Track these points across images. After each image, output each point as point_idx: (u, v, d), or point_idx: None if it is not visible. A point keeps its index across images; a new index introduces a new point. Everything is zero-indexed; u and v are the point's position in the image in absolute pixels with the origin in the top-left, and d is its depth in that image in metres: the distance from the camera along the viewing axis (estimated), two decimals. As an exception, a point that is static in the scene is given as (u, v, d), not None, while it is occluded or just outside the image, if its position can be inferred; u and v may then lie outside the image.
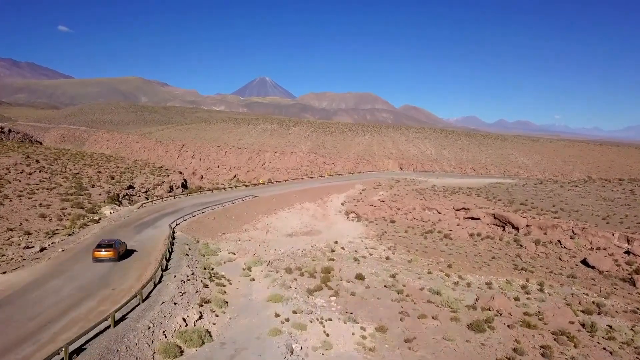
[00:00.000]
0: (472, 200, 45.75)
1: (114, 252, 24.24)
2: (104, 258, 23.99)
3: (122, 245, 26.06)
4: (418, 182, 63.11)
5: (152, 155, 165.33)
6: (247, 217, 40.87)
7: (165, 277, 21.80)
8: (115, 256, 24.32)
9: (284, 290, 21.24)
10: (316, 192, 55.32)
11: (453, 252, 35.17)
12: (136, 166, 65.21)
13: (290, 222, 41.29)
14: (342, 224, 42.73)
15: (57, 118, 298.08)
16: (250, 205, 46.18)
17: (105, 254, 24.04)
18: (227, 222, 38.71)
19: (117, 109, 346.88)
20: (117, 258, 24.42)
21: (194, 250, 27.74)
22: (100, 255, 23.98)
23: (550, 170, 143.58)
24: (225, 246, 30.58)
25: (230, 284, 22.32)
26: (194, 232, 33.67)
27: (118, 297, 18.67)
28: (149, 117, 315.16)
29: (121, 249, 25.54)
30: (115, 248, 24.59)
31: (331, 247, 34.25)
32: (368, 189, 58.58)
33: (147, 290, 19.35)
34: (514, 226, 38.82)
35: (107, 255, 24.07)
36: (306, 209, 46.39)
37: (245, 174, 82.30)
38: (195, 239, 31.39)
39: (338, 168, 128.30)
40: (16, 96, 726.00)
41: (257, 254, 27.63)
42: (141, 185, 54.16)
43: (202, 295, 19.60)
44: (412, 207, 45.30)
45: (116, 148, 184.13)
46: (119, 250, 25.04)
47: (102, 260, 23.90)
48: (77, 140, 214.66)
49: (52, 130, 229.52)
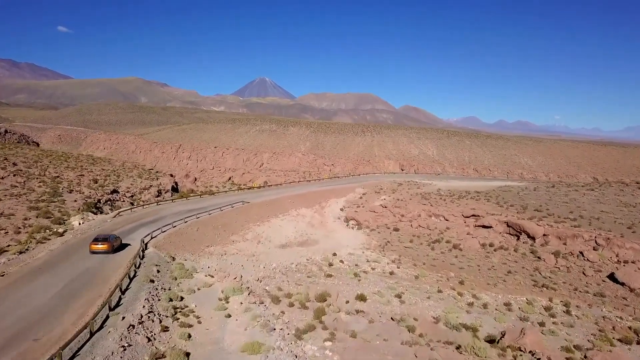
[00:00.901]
0: (482, 206, 42.28)
1: (108, 246, 26.99)
2: (100, 251, 26.74)
3: (117, 239, 28.75)
4: (422, 186, 59.61)
5: (148, 156, 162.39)
6: (235, 226, 37.13)
7: (111, 319, 16.85)
8: (110, 249, 27.00)
9: (265, 333, 17.00)
10: (313, 197, 51.74)
11: (464, 265, 31.69)
12: (124, 169, 61.78)
13: (284, 231, 37.73)
14: (341, 233, 39.23)
15: (55, 119, 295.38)
16: (241, 212, 42.47)
17: (101, 247, 26.79)
18: (212, 233, 34.78)
19: (115, 109, 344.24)
20: (111, 251, 27.03)
21: (164, 274, 23.45)
22: (97, 248, 26.73)
23: (555, 172, 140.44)
24: (207, 263, 26.78)
25: (200, 323, 17.85)
26: (172, 247, 29.59)
27: (38, 353, 13.86)
28: (147, 118, 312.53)
29: (115, 243, 28.16)
30: (110, 242, 27.32)
31: (329, 261, 30.79)
32: (369, 193, 55.07)
33: (77, 345, 14.29)
34: (529, 235, 35.36)
35: (102, 248, 26.80)
36: (302, 215, 42.84)
37: (241, 176, 78.81)
38: (170, 255, 27.31)
39: (338, 169, 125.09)
40: (16, 97, 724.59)
41: (240, 277, 23.92)
42: (127, 189, 50.69)
43: (155, 348, 14.81)
44: (417, 213, 41.81)
45: (112, 149, 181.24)
46: (114, 244, 27.75)
47: (98, 252, 26.61)
48: (74, 140, 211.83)
49: (49, 131, 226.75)
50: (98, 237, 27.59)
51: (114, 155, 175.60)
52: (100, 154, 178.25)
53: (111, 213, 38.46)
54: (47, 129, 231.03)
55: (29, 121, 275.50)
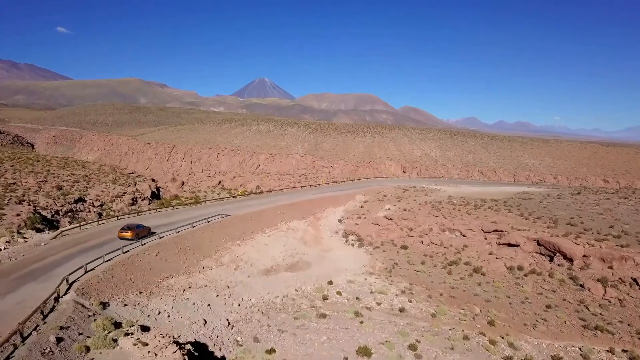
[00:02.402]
0: (503, 218, 36.16)
1: (132, 234, 30.43)
2: (126, 237, 30.08)
3: (143, 229, 32.09)
4: (430, 192, 53.41)
5: (141, 158, 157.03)
6: (209, 247, 30.53)
7: None
8: (133, 237, 30.38)
9: None
10: (308, 206, 45.41)
11: (490, 296, 25.55)
12: (99, 173, 55.71)
13: (271, 250, 31.59)
14: (339, 252, 33.13)
15: (50, 119, 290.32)
16: (218, 229, 34.60)
17: (125, 234, 30.20)
18: (177, 259, 27.82)
19: (112, 110, 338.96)
20: (135, 238, 30.38)
21: (69, 345, 14.76)
22: (123, 235, 30.21)
23: (564, 174, 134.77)
24: (158, 307, 20.35)
25: None
26: (110, 287, 21.77)
27: None
28: (144, 118, 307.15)
29: (141, 232, 31.53)
30: (134, 230, 30.81)
31: (323, 292, 24.69)
32: (371, 201, 48.89)
33: None
34: (565, 256, 29.22)
35: (127, 235, 30.21)
36: (293, 230, 36.64)
37: (232, 180, 72.71)
38: (100, 302, 19.48)
39: (337, 171, 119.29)
40: (15, 97, 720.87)
41: (204, 323, 17.70)
42: (96, 197, 44.58)
43: None
44: (427, 227, 35.70)
45: (106, 150, 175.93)
46: (138, 233, 31.16)
47: (125, 239, 29.93)
48: (69, 141, 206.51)
49: (43, 131, 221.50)
50: (125, 227, 31.27)
51: (107, 157, 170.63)
52: (94, 155, 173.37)
53: (51, 233, 30.36)
54: (42, 130, 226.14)
55: (24, 122, 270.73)
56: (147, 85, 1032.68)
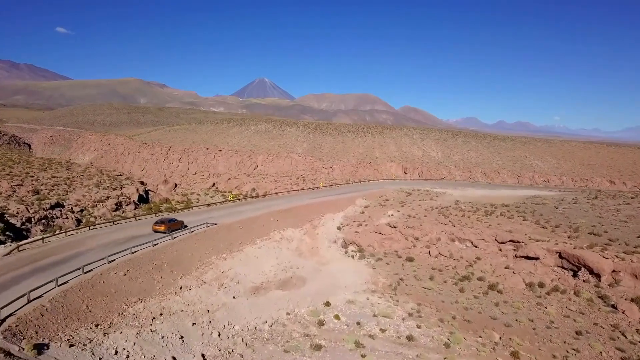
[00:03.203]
0: (518, 226, 32.92)
1: (165, 227, 32.61)
2: (159, 230, 32.34)
3: (176, 223, 33.94)
4: (435, 196, 50.18)
5: (137, 158, 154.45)
6: (190, 262, 26.94)
7: None
8: (166, 230, 32.49)
9: None
10: (305, 212, 42.15)
11: (510, 320, 22.32)
12: (83, 175, 52.46)
13: (261, 264, 28.35)
14: (337, 264, 29.88)
15: (48, 119, 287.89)
16: (202, 240, 30.84)
17: (159, 227, 32.53)
18: (148, 279, 23.76)
19: (110, 109, 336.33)
20: (167, 232, 32.39)
21: None
22: (157, 229, 32.50)
23: (569, 175, 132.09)
24: (113, 344, 16.35)
25: None
26: (56, 319, 17.35)
27: None
28: (143, 118, 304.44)
29: (173, 225, 33.52)
30: (166, 224, 32.92)
31: (319, 315, 21.46)
32: (372, 206, 45.66)
33: None
34: (592, 271, 25.99)
35: (161, 229, 32.42)
36: (288, 239, 33.41)
37: (226, 182, 69.48)
38: (32, 346, 14.60)
39: (336, 172, 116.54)
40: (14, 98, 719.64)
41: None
42: (76, 202, 41.38)
43: None
44: (435, 236, 32.46)
45: (103, 150, 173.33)
46: (170, 226, 33.05)
47: (159, 232, 32.30)
48: (67, 142, 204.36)
49: (40, 131, 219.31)
50: (158, 220, 33.70)
51: (104, 157, 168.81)
52: (91, 155, 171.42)
53: (7, 247, 26.19)
54: (39, 130, 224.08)
55: (22, 122, 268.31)
56: (146, 85, 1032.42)
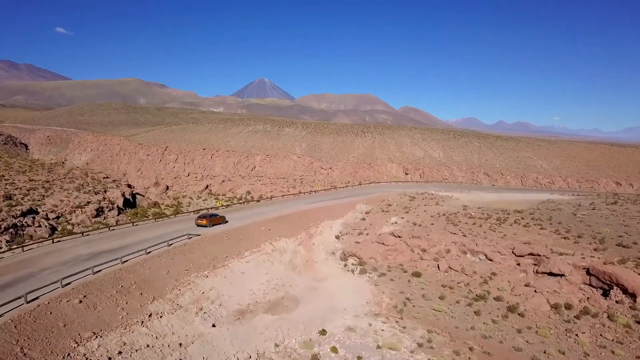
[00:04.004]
0: (536, 236, 29.68)
1: (207, 221, 35.84)
2: (202, 224, 35.60)
3: (217, 217, 37.05)
4: (441, 200, 46.90)
5: (133, 159, 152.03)
6: (165, 282, 23.09)
7: None
8: (208, 224, 35.67)
9: None
10: (300, 218, 38.82)
11: (538, 352, 19.10)
12: (65, 178, 49.17)
13: (249, 281, 25.06)
14: (335, 281, 26.62)
15: (45, 119, 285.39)
16: (181, 255, 26.79)
17: (201, 221, 35.91)
18: (110, 305, 19.84)
19: (108, 109, 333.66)
20: (209, 225, 35.63)
21: None
22: (200, 223, 35.80)
23: (574, 176, 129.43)
24: None
25: None
26: None
27: None
28: (141, 119, 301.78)
29: (215, 220, 36.65)
30: (208, 219, 36.20)
31: (312, 349, 18.26)
32: (374, 212, 42.41)
33: None
34: (626, 291, 22.72)
35: (203, 223, 35.73)
36: (280, 251, 30.15)
37: (220, 185, 66.28)
38: None
39: (336, 173, 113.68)
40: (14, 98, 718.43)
41: None
42: (53, 207, 38.11)
43: None
44: (444, 247, 29.20)
45: (99, 151, 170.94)
46: (211, 221, 36.19)
47: (201, 226, 35.52)
48: (64, 142, 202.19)
49: (37, 132, 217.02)
50: (200, 215, 36.43)
51: (100, 158, 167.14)
52: (87, 156, 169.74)
53: None
54: (36, 130, 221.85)
55: (19, 122, 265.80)
56: (146, 85, 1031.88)
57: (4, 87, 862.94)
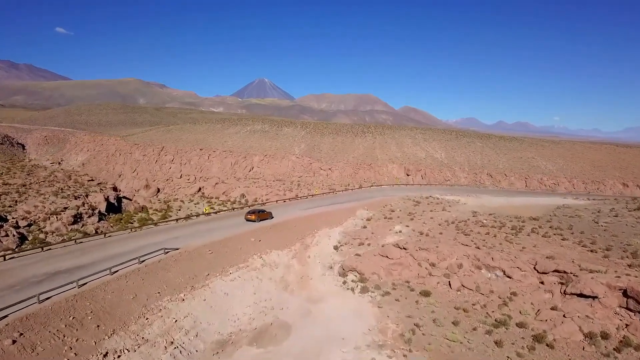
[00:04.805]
0: (558, 248, 26.38)
1: (255, 216, 38.28)
2: (251, 219, 37.99)
3: (264, 213, 39.80)
4: (447, 205, 43.64)
5: (129, 160, 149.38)
6: (130, 310, 19.46)
7: None
8: (256, 219, 38.09)
9: None
10: (295, 226, 35.49)
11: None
12: (44, 181, 45.98)
13: (233, 304, 21.68)
14: (333, 301, 23.30)
15: (43, 119, 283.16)
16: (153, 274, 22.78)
17: (250, 217, 38.38)
18: (54, 344, 16.18)
19: (106, 109, 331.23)
20: (257, 220, 38.11)
21: None
22: (249, 218, 38.30)
23: (579, 177, 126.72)
24: None
25: None
26: None
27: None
28: (140, 118, 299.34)
29: (262, 215, 39.31)
30: (256, 214, 38.66)
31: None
32: (376, 219, 39.14)
33: None
34: (668, 315, 19.38)
35: (252, 218, 38.18)
36: (271, 265, 26.80)
37: (213, 187, 63.05)
38: None
39: (335, 174, 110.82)
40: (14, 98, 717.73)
41: None
42: (25, 214, 34.86)
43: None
44: (455, 261, 25.90)
45: (96, 151, 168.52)
46: (259, 216, 38.73)
47: (250, 220, 37.90)
48: (61, 142, 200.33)
49: (34, 132, 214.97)
50: (250, 210, 39.21)
51: (96, 158, 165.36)
52: (83, 156, 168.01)
53: None
54: (33, 130, 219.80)
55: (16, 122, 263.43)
56: (146, 85, 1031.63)
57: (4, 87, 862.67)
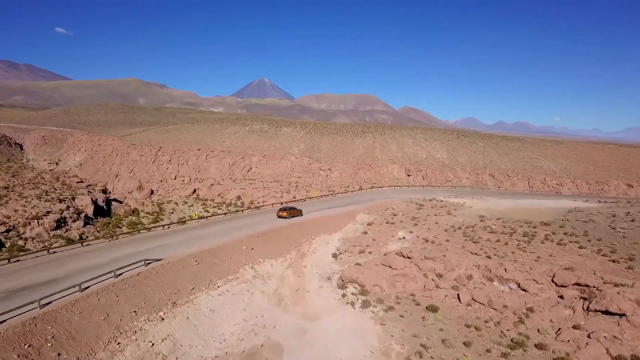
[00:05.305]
0: (576, 258, 24.22)
1: (287, 213, 40.32)
2: (283, 216, 40.06)
3: (295, 210, 41.61)
4: (452, 208, 41.46)
5: (126, 160, 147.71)
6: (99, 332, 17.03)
7: None
8: (288, 216, 40.21)
9: None
10: (291, 232, 33.10)
11: None
12: (29, 183, 43.87)
13: (220, 322, 19.43)
14: (331, 318, 21.10)
15: (41, 119, 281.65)
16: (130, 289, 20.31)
17: (282, 213, 40.32)
18: None
19: (105, 109, 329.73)
20: (289, 217, 40.14)
21: None
22: (281, 215, 40.17)
23: (583, 177, 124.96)
24: None
25: None
26: None
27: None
28: (139, 118, 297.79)
29: (294, 213, 41.05)
30: (288, 211, 40.66)
31: None
32: (377, 223, 36.94)
33: None
34: None
35: (284, 214, 40.10)
36: (264, 277, 24.54)
37: (209, 189, 60.93)
38: None
39: (335, 175, 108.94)
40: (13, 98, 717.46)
41: None
42: (4, 218, 32.70)
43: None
44: (464, 271, 23.72)
45: (93, 151, 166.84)
46: (291, 213, 40.59)
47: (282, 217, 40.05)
48: (59, 142, 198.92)
49: (32, 132, 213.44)
50: (281, 208, 41.41)
51: (93, 158, 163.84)
52: (81, 156, 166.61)
53: None
54: (31, 130, 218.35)
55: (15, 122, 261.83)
56: (146, 85, 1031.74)
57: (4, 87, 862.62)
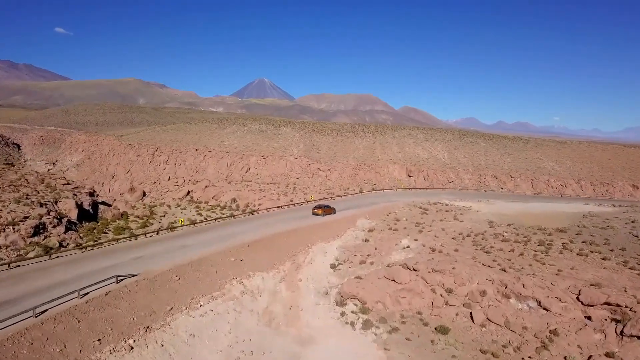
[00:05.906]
0: (601, 271, 21.80)
1: (322, 211, 42.48)
2: (318, 214, 42.33)
3: (329, 208, 43.73)
4: (458, 213, 38.97)
5: (122, 160, 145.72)
6: None
7: None
8: (322, 213, 42.28)
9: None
10: (285, 240, 30.29)
11: None
12: (10, 186, 41.47)
13: (200, 350, 16.60)
14: (329, 342, 18.56)
15: (39, 119, 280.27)
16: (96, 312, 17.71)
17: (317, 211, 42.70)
18: None
19: (104, 109, 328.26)
20: (323, 214, 42.14)
21: None
22: (316, 212, 42.61)
23: (587, 178, 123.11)
24: None
25: None
26: None
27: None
28: (138, 118, 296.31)
29: (327, 211, 43.26)
30: (323, 209, 42.94)
31: None
32: (379, 230, 34.42)
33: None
34: None
35: (319, 212, 42.46)
36: (253, 293, 21.89)
37: (203, 191, 58.57)
38: None
39: (334, 176, 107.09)
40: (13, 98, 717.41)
41: None
42: (-23, 225, 30.40)
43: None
44: (477, 287, 21.24)
45: (91, 151, 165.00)
46: (325, 211, 42.79)
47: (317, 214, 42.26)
48: (57, 142, 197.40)
49: (30, 132, 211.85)
50: (316, 205, 43.65)
51: (90, 159, 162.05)
52: (78, 156, 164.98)
53: None
54: (29, 130, 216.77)
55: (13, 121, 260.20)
56: (146, 85, 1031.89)
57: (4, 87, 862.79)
